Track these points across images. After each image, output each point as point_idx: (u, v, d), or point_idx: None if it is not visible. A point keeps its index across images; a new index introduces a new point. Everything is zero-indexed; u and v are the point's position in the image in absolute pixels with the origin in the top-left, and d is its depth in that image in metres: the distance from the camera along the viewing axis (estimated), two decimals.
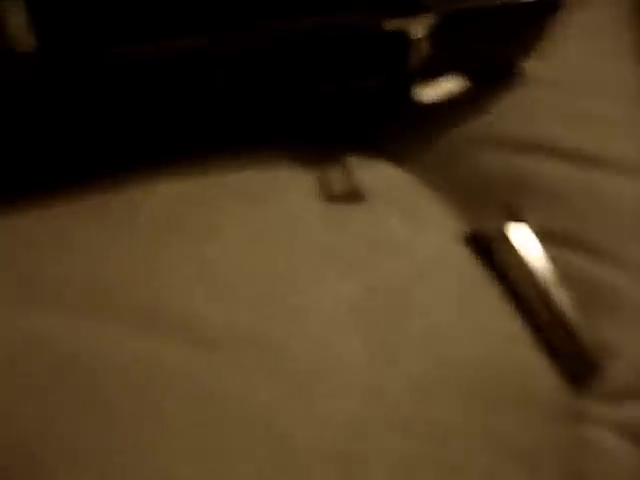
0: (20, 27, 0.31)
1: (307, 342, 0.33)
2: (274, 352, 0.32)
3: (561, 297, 0.35)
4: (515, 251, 0.35)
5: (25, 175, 0.35)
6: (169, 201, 0.36)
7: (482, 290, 0.37)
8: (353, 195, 0.39)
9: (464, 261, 0.38)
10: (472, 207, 0.40)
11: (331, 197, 0.39)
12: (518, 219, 0.35)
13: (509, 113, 0.42)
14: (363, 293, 0.35)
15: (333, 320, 0.34)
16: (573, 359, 0.33)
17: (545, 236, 0.37)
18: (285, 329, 0.33)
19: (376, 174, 0.41)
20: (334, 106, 0.39)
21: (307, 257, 0.36)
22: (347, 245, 0.37)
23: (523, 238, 0.35)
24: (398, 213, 0.39)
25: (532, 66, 0.43)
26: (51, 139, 0.36)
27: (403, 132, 0.41)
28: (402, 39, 0.36)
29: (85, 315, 0.32)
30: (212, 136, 0.37)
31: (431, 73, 0.37)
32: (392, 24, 0.36)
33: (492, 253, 0.37)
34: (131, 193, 0.36)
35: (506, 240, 0.35)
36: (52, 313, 0.32)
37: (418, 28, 0.36)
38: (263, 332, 0.33)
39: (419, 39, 0.36)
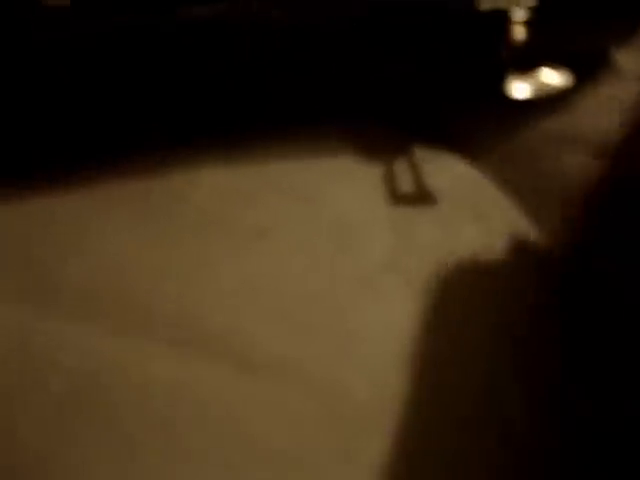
0: None
1: (362, 379, 0.28)
2: (324, 388, 0.28)
3: None
4: None
5: (51, 148, 0.31)
6: (216, 194, 0.31)
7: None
8: (422, 196, 0.34)
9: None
10: (548, 213, 0.35)
11: (397, 198, 0.34)
12: None
13: (598, 111, 0.37)
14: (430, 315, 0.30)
15: (392, 351, 0.29)
16: None
17: None
18: (339, 363, 0.28)
19: (446, 171, 0.35)
20: (409, 91, 0.34)
21: (366, 272, 0.31)
22: (414, 259, 0.32)
23: None
24: (471, 220, 0.34)
25: (625, 59, 0.38)
26: (80, 105, 0.31)
27: (477, 125, 0.36)
28: (498, 21, 0.31)
29: (108, 326, 0.28)
30: (266, 118, 0.32)
31: (525, 64, 0.32)
32: (488, 2, 0.30)
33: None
34: (175, 181, 0.31)
35: None
36: (71, 322, 0.28)
37: (516, 10, 0.31)
38: (313, 364, 0.28)
39: (516, 23, 0.31)
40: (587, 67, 0.36)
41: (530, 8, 0.31)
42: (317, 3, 0.29)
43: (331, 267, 0.31)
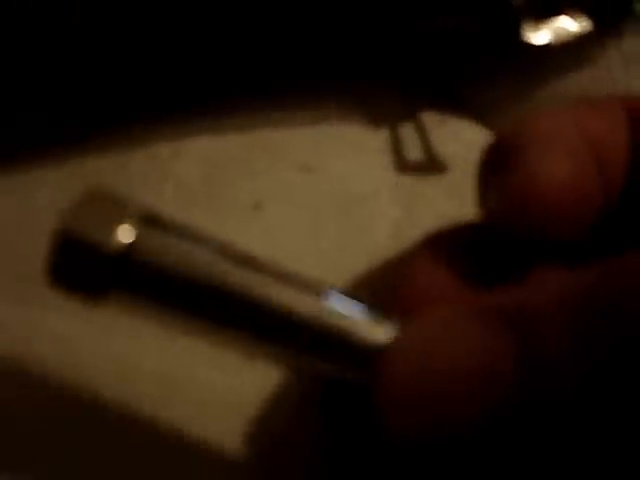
0: None
1: None
2: None
3: None
4: None
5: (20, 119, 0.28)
6: (204, 165, 0.28)
7: None
8: (431, 164, 0.31)
9: None
10: None
11: (403, 166, 0.31)
12: None
13: (622, 66, 0.34)
14: None
15: None
16: None
17: None
18: None
19: (457, 137, 0.32)
20: (414, 48, 0.31)
21: (370, 247, 0.28)
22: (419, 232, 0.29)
23: None
24: None
25: None
26: (57, 70, 0.28)
27: (489, 86, 0.33)
28: None
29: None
30: (259, 82, 0.29)
31: (541, 9, 0.29)
32: None
33: None
34: (157, 152, 0.28)
35: None
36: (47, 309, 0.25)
37: None
38: None
39: None
40: (609, 18, 0.33)
41: None
42: None
43: (334, 242, 0.28)
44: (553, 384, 0.18)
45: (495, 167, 0.24)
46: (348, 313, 0.20)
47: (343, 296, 0.21)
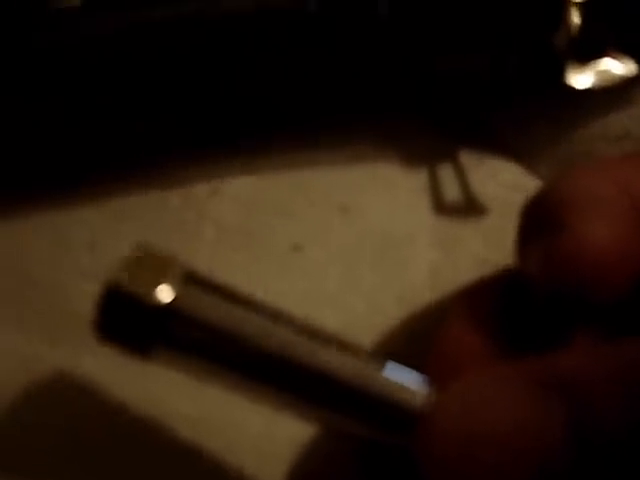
0: None
1: None
2: None
3: None
4: None
5: (59, 158, 0.28)
6: (242, 206, 0.28)
7: None
8: (469, 206, 0.31)
9: None
10: None
11: (442, 207, 0.30)
12: None
13: None
14: None
15: None
16: None
17: None
18: None
19: (496, 178, 0.32)
20: (454, 87, 0.31)
21: (408, 291, 0.28)
22: (457, 276, 0.28)
23: None
24: None
25: None
26: (93, 112, 0.28)
27: (529, 126, 0.33)
28: (553, 4, 0.28)
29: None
30: (297, 121, 0.29)
31: (585, 51, 0.28)
32: None
33: None
34: (194, 193, 0.28)
35: None
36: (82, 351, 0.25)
37: None
38: None
39: (574, 5, 0.27)
40: None
41: None
42: None
43: (371, 285, 0.28)
44: (603, 455, 0.18)
45: (536, 227, 0.23)
46: (389, 376, 0.20)
47: (383, 359, 0.21)
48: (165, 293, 0.19)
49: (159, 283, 0.19)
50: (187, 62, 0.27)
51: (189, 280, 0.20)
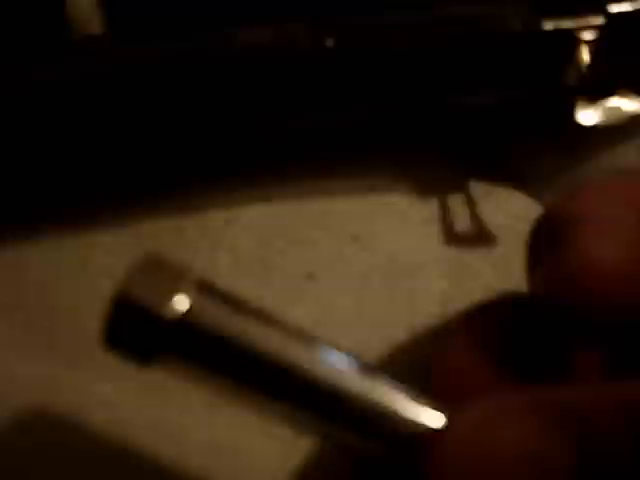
0: (88, 6, 0.24)
1: None
2: None
3: None
4: None
5: (78, 184, 0.28)
6: (256, 234, 0.28)
7: None
8: (479, 236, 0.31)
9: None
10: None
11: (452, 237, 0.31)
12: None
13: None
14: None
15: None
16: None
17: None
18: None
19: (505, 209, 0.33)
20: (464, 120, 0.31)
21: (419, 319, 0.28)
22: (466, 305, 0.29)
23: None
24: None
25: None
26: (111, 140, 0.28)
27: (537, 158, 0.33)
28: (563, 42, 0.28)
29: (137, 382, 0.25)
30: (311, 151, 0.30)
31: (593, 89, 0.29)
32: (552, 23, 0.28)
33: None
34: (210, 221, 0.28)
35: None
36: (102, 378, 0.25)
37: (583, 30, 0.28)
38: None
39: (584, 43, 0.28)
40: None
41: (597, 27, 0.28)
42: (375, 31, 0.26)
43: (381, 313, 0.28)
44: None
45: (544, 244, 0.23)
46: (397, 395, 0.20)
47: (390, 378, 0.21)
48: (178, 303, 0.19)
49: (172, 292, 0.19)
50: (206, 92, 0.28)
51: (202, 290, 0.20)
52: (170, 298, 0.19)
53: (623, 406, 0.19)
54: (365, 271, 0.29)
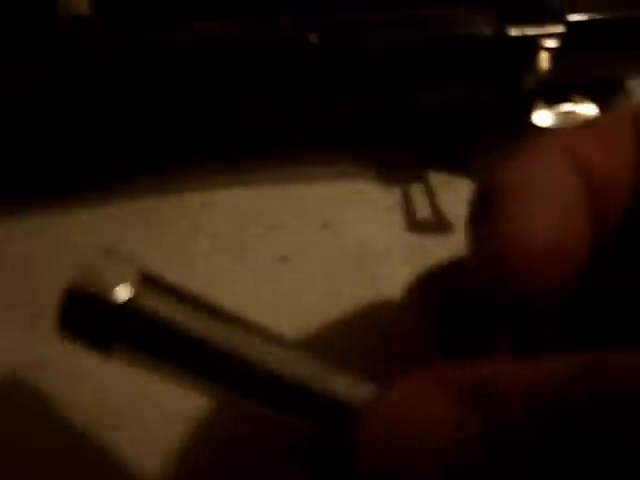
0: None
1: None
2: None
3: None
4: None
5: (60, 164, 0.29)
6: (233, 217, 0.30)
7: None
8: (438, 223, 0.33)
9: None
10: None
11: (413, 224, 0.33)
12: None
13: None
14: None
15: None
16: None
17: None
18: None
19: (463, 197, 0.35)
20: (428, 116, 0.33)
21: (384, 302, 0.30)
22: None
23: None
24: None
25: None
26: (91, 120, 0.29)
27: (492, 152, 0.35)
28: (525, 48, 0.30)
29: None
30: (284, 140, 0.31)
31: (551, 93, 0.31)
32: (517, 30, 0.30)
33: None
34: (188, 203, 0.29)
35: None
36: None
37: (545, 38, 0.30)
38: None
39: (545, 50, 0.30)
40: (605, 96, 0.35)
41: (558, 35, 0.30)
42: (354, 29, 0.28)
43: (348, 296, 0.30)
44: (513, 462, 0.19)
45: (477, 216, 0.22)
46: (329, 373, 0.21)
47: (322, 360, 0.22)
48: (121, 293, 0.20)
49: (117, 284, 0.20)
50: (187, 77, 0.29)
51: (147, 281, 0.21)
52: (115, 287, 0.20)
53: (527, 386, 0.19)
54: (335, 256, 0.31)
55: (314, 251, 0.30)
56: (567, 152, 0.22)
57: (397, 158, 0.34)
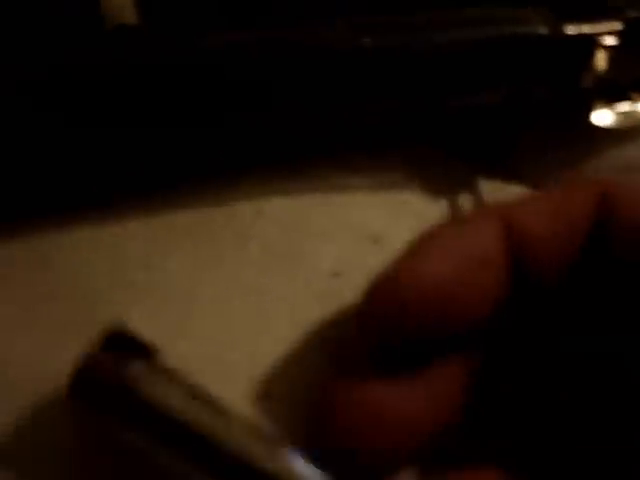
0: None
1: None
2: None
3: None
4: None
5: (107, 175, 0.28)
6: (283, 228, 0.28)
7: None
8: None
9: None
10: None
11: None
12: None
13: None
14: None
15: None
16: None
17: None
18: None
19: None
20: (479, 120, 0.32)
21: None
22: None
23: None
24: None
25: None
26: (140, 132, 0.28)
27: (544, 155, 0.34)
28: (583, 46, 0.29)
29: None
30: (331, 149, 0.30)
31: (610, 91, 0.30)
32: (574, 28, 0.28)
33: None
34: (239, 213, 0.28)
35: None
36: None
37: (604, 36, 0.29)
38: None
39: (604, 48, 0.29)
40: None
41: (616, 33, 0.29)
42: (408, 30, 0.27)
43: None
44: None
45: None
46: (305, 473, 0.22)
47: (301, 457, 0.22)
48: (126, 373, 0.22)
49: (122, 364, 0.22)
50: (236, 84, 0.27)
51: (149, 363, 0.23)
52: (119, 369, 0.22)
53: None
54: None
55: (364, 266, 0.29)
56: (499, 216, 0.24)
57: (443, 164, 0.33)
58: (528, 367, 0.25)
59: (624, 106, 0.30)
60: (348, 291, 0.28)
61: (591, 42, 0.29)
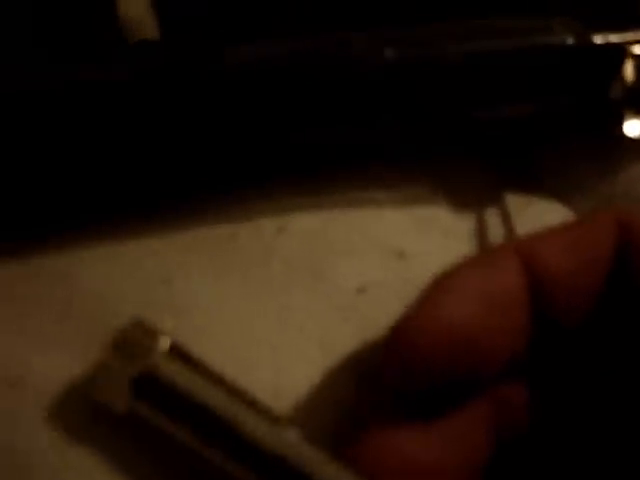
0: (142, 11, 0.23)
1: None
2: None
3: None
4: None
5: (128, 190, 0.28)
6: (307, 243, 0.28)
7: None
8: None
9: None
10: None
11: (486, 247, 0.31)
12: None
13: None
14: None
15: None
16: None
17: None
18: None
19: (541, 220, 0.32)
20: (505, 132, 0.31)
21: None
22: None
23: None
24: None
25: None
26: (162, 146, 0.27)
27: (573, 168, 0.33)
28: (611, 56, 0.28)
29: None
30: (357, 163, 0.29)
31: (639, 103, 0.29)
32: (602, 37, 0.28)
33: None
34: (263, 227, 0.28)
35: None
36: None
37: (633, 45, 0.28)
38: None
39: (633, 57, 0.28)
40: None
41: None
42: (431, 41, 0.26)
43: None
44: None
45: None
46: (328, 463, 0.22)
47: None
48: (148, 363, 0.22)
49: (144, 356, 0.23)
50: (259, 98, 0.27)
51: (172, 353, 0.23)
52: (142, 359, 0.23)
53: None
54: (408, 288, 0.28)
55: (389, 283, 0.28)
56: (519, 252, 0.23)
57: (470, 178, 0.32)
58: (558, 407, 0.24)
59: None
60: (373, 307, 0.27)
61: (620, 51, 0.28)
